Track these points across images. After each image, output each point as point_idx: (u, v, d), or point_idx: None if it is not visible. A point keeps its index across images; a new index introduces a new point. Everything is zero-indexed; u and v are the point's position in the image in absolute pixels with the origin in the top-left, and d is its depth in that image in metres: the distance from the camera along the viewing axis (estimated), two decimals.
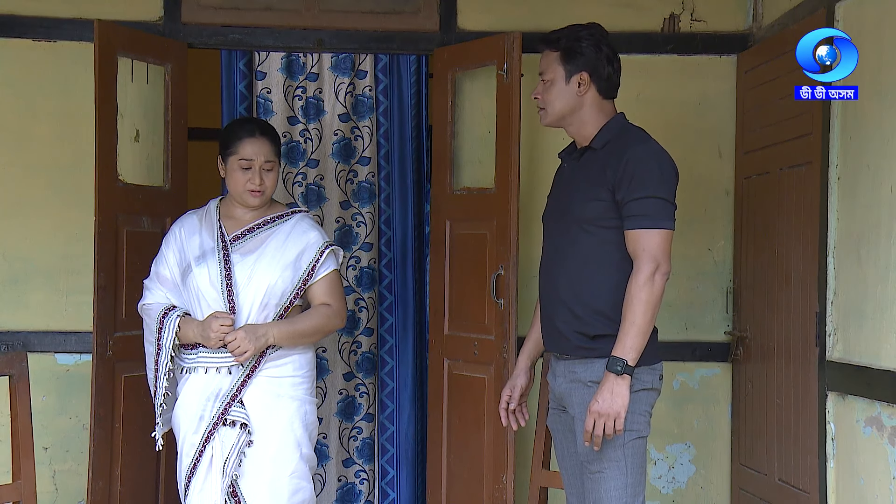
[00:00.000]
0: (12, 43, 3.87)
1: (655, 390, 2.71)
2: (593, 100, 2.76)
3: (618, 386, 2.56)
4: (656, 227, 2.61)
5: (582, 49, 2.74)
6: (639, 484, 2.65)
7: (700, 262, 4.01)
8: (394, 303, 4.16)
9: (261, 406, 3.08)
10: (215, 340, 3.03)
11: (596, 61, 2.74)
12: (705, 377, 4.01)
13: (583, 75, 2.74)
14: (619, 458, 2.63)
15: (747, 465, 3.83)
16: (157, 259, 3.24)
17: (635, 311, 2.57)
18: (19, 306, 3.88)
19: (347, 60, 4.10)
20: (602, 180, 2.66)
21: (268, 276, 3.10)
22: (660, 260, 2.61)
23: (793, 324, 3.45)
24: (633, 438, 2.64)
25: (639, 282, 2.58)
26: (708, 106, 4.00)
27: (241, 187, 3.14)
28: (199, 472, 3.07)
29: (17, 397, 3.18)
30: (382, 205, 4.16)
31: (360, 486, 4.16)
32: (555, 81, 2.76)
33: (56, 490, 3.89)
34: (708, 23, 3.99)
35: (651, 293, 2.58)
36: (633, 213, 2.62)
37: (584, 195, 2.71)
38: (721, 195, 4.01)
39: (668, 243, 2.63)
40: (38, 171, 3.90)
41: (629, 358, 2.57)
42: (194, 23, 3.94)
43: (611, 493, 2.63)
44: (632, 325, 2.57)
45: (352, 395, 4.16)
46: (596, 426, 2.57)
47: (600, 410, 2.57)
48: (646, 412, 2.68)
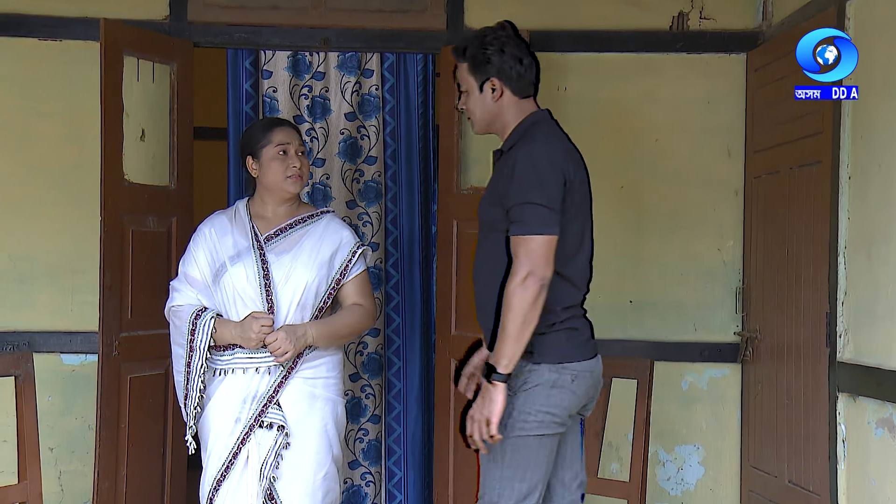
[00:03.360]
0: (18, 42, 3.87)
1: (562, 389, 2.67)
2: (510, 102, 2.75)
3: (490, 392, 2.59)
4: (531, 233, 2.60)
5: (487, 56, 2.73)
6: (521, 481, 2.64)
7: (709, 262, 3.99)
8: (401, 303, 4.14)
9: (297, 408, 3.06)
10: (256, 341, 3.00)
11: (502, 64, 2.73)
12: (714, 378, 3.99)
13: (493, 81, 2.73)
14: (496, 450, 2.65)
15: (757, 467, 3.80)
16: (185, 260, 3.17)
17: (506, 317, 2.59)
18: (25, 306, 3.87)
19: (354, 59, 4.08)
20: (500, 184, 2.69)
21: (305, 275, 3.08)
22: (533, 265, 2.58)
23: (803, 324, 3.43)
24: (514, 436, 2.64)
25: (510, 287, 2.59)
26: (717, 105, 3.97)
27: (280, 175, 3.11)
28: (233, 474, 3.04)
29: (23, 398, 3.18)
30: (389, 204, 4.14)
31: (365, 488, 4.14)
32: (470, 92, 2.77)
33: (62, 491, 3.88)
34: (717, 21, 3.97)
35: (522, 299, 2.57)
36: (513, 218, 2.63)
37: (488, 199, 2.75)
38: (730, 195, 3.98)
39: (545, 249, 2.60)
40: (44, 171, 3.89)
41: (500, 365, 2.58)
42: (200, 22, 3.93)
43: (486, 482, 2.68)
44: (503, 332, 2.59)
45: (358, 396, 4.14)
46: (474, 430, 2.62)
47: (473, 415, 2.63)
48: (540, 412, 2.65)
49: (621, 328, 3.97)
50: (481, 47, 2.74)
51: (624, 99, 3.99)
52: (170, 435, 3.79)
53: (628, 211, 4.00)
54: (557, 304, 2.66)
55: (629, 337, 3.97)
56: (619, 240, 3.98)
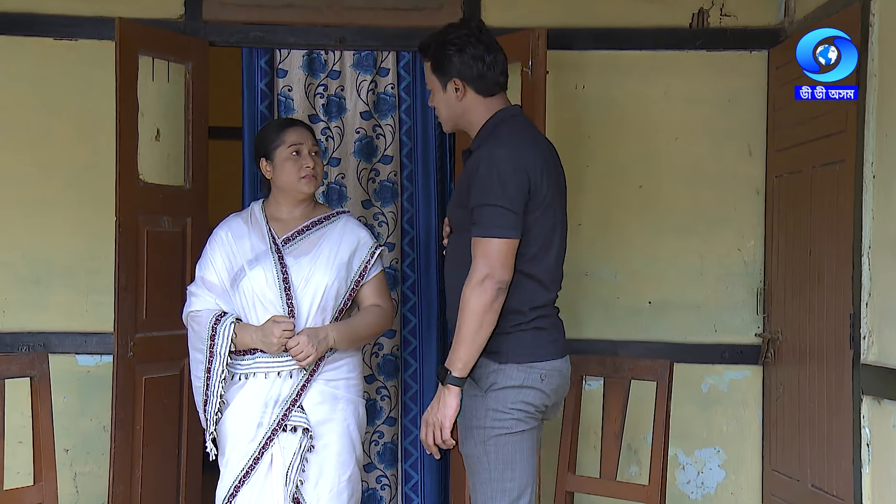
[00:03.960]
0: (33, 41, 3.86)
1: (531, 388, 2.66)
2: (474, 101, 2.74)
3: (444, 396, 2.60)
4: (489, 235, 2.58)
5: (448, 55, 2.72)
6: (509, 480, 2.64)
7: (729, 263, 3.94)
8: (417, 304, 4.10)
9: (320, 410, 3.05)
10: (278, 346, 2.98)
11: (462, 64, 2.71)
12: (735, 380, 3.94)
13: (455, 81, 2.73)
14: (479, 454, 2.65)
15: (779, 471, 3.75)
16: (202, 264, 3.15)
17: (462, 320, 2.58)
18: (40, 307, 3.86)
19: (369, 58, 4.05)
20: (462, 185, 2.69)
21: (325, 277, 3.06)
22: (491, 267, 2.57)
23: (826, 325, 3.38)
24: (494, 436, 2.63)
25: (466, 289, 2.58)
26: (737, 103, 3.92)
27: (295, 176, 3.09)
28: (254, 479, 3.02)
29: (39, 399, 3.17)
30: (406, 204, 4.11)
31: (381, 491, 4.10)
32: (435, 91, 2.78)
33: (77, 493, 3.87)
34: (738, 18, 3.92)
35: (478, 301, 2.56)
36: (474, 220, 2.62)
37: (455, 199, 2.75)
38: (751, 194, 3.94)
39: (504, 251, 2.58)
40: (59, 171, 3.88)
41: (455, 368, 2.58)
42: (215, 20, 3.91)
43: (476, 486, 2.67)
44: (458, 334, 2.59)
45: (373, 398, 4.11)
46: (427, 435, 2.63)
47: (427, 419, 2.64)
48: (514, 410, 2.64)
49: (640, 329, 3.94)
50: (441, 46, 2.74)
51: (643, 97, 3.95)
52: (185, 436, 3.77)
53: (647, 210, 3.96)
54: (525, 305, 2.65)
55: (648, 338, 3.93)
56: (637, 240, 3.95)
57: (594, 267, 3.95)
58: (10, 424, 3.14)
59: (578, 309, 3.92)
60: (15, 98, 3.87)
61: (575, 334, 3.88)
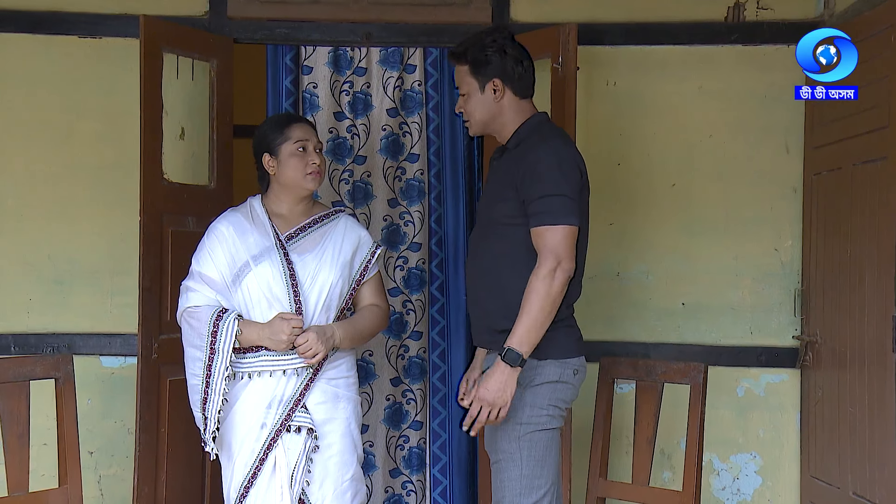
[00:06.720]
0: (57, 40, 3.83)
1: (565, 384, 2.76)
2: (510, 102, 2.86)
3: (509, 377, 2.64)
4: (557, 223, 2.68)
5: (488, 57, 2.83)
6: (539, 477, 2.70)
7: (766, 263, 3.85)
8: (445, 305, 4.03)
9: (323, 409, 3.02)
10: (287, 343, 2.94)
11: (504, 65, 2.83)
12: (772, 384, 3.85)
13: (495, 82, 2.84)
14: (513, 450, 2.70)
15: (818, 478, 3.65)
16: (200, 259, 3.08)
17: (532, 303, 2.64)
18: (64, 308, 3.84)
19: (396, 54, 3.99)
20: (509, 180, 2.77)
21: (331, 275, 3.04)
22: (561, 256, 2.67)
23: (867, 328, 3.30)
24: (529, 431, 2.70)
25: (537, 276, 2.66)
26: (774, 98, 3.83)
27: (300, 172, 3.05)
28: (260, 480, 2.98)
29: (63, 400, 3.16)
30: (433, 202, 4.04)
31: (406, 497, 4.03)
32: (471, 94, 2.86)
33: (102, 495, 3.85)
34: (775, 11, 3.83)
35: (549, 288, 2.65)
36: (536, 210, 2.70)
37: (495, 195, 2.81)
38: (788, 192, 3.84)
39: (571, 239, 2.70)
40: (83, 170, 3.85)
41: (523, 351, 2.64)
42: (240, 17, 3.88)
43: (505, 483, 2.71)
44: (527, 317, 2.64)
45: (399, 401, 4.04)
46: (481, 413, 2.66)
47: (486, 398, 2.66)
48: (549, 406, 2.73)
49: (673, 331, 3.86)
50: (482, 49, 2.83)
51: (676, 93, 3.87)
52: None
53: (680, 209, 3.88)
54: (566, 302, 2.74)
55: (682, 340, 3.85)
56: (670, 239, 3.87)
57: (626, 267, 3.88)
58: (35, 426, 3.13)
59: (610, 310, 3.85)
60: (39, 97, 3.85)
61: (606, 336, 3.82)
